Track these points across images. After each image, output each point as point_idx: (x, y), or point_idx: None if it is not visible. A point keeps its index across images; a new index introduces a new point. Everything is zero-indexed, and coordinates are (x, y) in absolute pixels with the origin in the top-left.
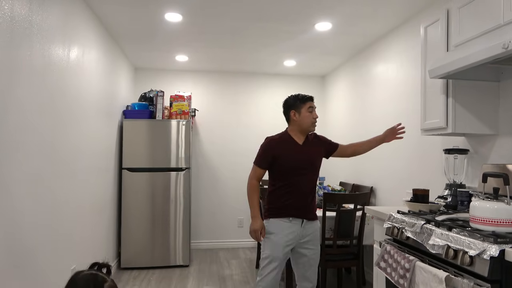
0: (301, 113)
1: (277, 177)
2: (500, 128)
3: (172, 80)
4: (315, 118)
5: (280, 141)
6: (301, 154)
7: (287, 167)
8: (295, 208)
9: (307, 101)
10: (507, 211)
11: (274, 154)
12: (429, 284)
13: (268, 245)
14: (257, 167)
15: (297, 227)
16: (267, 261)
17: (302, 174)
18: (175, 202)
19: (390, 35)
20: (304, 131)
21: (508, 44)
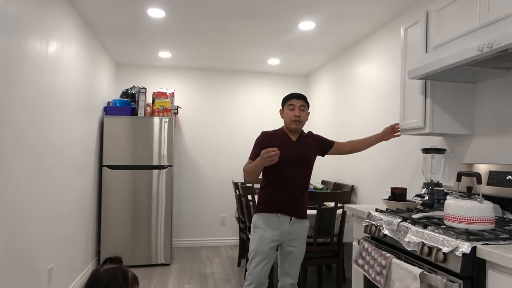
0: (284, 111)
1: (268, 172)
2: (476, 129)
3: (155, 76)
4: (295, 116)
5: (274, 136)
6: (293, 150)
7: (278, 162)
8: (284, 205)
9: (289, 99)
10: (479, 209)
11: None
12: (404, 280)
13: (255, 239)
14: (251, 160)
15: (285, 224)
16: (252, 255)
17: (293, 170)
18: (157, 200)
19: (372, 36)
20: (288, 128)
21: (483, 47)
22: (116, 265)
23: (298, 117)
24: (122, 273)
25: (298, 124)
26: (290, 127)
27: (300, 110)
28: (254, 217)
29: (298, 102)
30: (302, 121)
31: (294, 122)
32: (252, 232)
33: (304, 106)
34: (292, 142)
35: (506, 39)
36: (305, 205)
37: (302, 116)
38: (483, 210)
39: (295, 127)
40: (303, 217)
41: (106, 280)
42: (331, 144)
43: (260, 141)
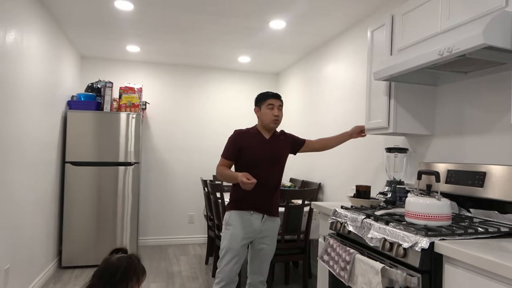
0: (261, 109)
1: (243, 169)
2: (436, 129)
3: (122, 71)
4: (275, 116)
5: (247, 134)
6: (266, 148)
7: (252, 160)
8: (257, 202)
9: (268, 98)
10: (437, 206)
11: (240, 146)
12: (366, 275)
13: (227, 236)
14: (223, 159)
15: (257, 222)
16: (224, 252)
17: (266, 168)
18: (122, 198)
19: (341, 37)
20: (266, 127)
21: (443, 51)
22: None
23: (277, 117)
24: (137, 260)
25: (277, 124)
26: (269, 126)
27: (279, 109)
28: (226, 214)
29: (277, 102)
30: (280, 121)
31: (273, 121)
32: (224, 230)
33: (281, 105)
34: (266, 141)
35: (464, 44)
36: (277, 203)
37: (280, 116)
38: (441, 207)
39: (274, 126)
40: (275, 215)
41: (123, 268)
42: (302, 142)
43: (233, 139)
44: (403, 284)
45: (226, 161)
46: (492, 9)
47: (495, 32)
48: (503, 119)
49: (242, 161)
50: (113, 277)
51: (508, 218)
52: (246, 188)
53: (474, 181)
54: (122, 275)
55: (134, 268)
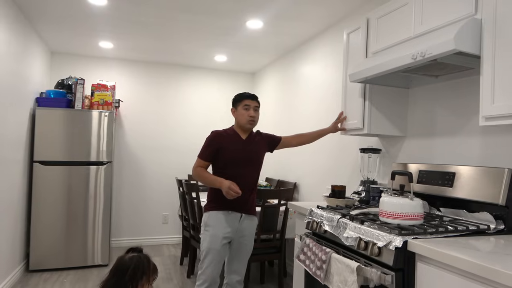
0: (237, 110)
1: (219, 170)
2: (408, 131)
3: (94, 67)
4: (251, 116)
5: (225, 135)
6: (244, 149)
7: (229, 160)
8: (235, 202)
9: (244, 99)
10: (410, 206)
11: (218, 147)
12: (342, 274)
13: (207, 237)
14: (200, 159)
15: (235, 221)
16: (205, 254)
17: (243, 168)
18: (94, 198)
19: (317, 38)
20: (242, 128)
21: (416, 55)
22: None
23: (253, 118)
24: (147, 260)
25: (253, 124)
26: (245, 127)
27: (255, 110)
28: (205, 216)
29: (253, 103)
30: (256, 121)
31: (249, 122)
32: (203, 231)
33: (258, 106)
34: (243, 141)
35: (437, 49)
36: (254, 202)
37: (256, 116)
38: (414, 206)
39: (250, 127)
40: (253, 214)
41: (133, 266)
42: (278, 139)
43: (211, 140)
44: (377, 282)
45: (203, 162)
46: (462, 16)
47: (465, 38)
48: (471, 122)
49: (219, 161)
50: (123, 275)
51: (476, 216)
52: (229, 197)
53: (444, 181)
54: (132, 273)
55: (142, 268)
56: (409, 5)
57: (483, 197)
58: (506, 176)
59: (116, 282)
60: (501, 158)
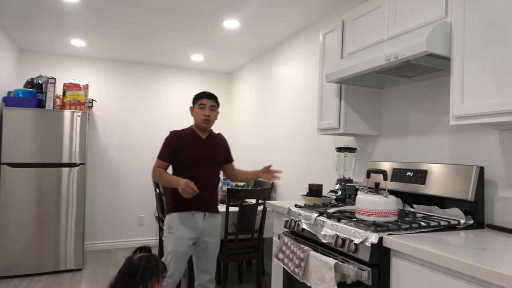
0: (194, 108)
1: (180, 170)
2: (382, 130)
3: (66, 66)
4: (205, 116)
5: (184, 134)
6: (203, 148)
7: (190, 160)
8: (198, 201)
9: (200, 98)
10: (385, 203)
11: (177, 147)
12: (320, 271)
13: (173, 240)
14: (160, 160)
15: (199, 220)
16: (171, 257)
17: (204, 167)
18: (67, 201)
19: (293, 39)
20: (198, 127)
21: (390, 57)
22: (149, 253)
23: (208, 117)
24: (155, 260)
25: (208, 124)
26: (199, 125)
27: (210, 110)
28: (168, 218)
29: (209, 102)
30: (212, 121)
31: (203, 121)
32: (167, 234)
33: (215, 106)
34: (202, 141)
35: (409, 51)
36: (216, 200)
37: (212, 116)
38: (388, 204)
39: (204, 126)
40: (216, 212)
41: (143, 267)
42: (230, 160)
43: (169, 140)
44: (354, 278)
45: (163, 163)
46: (433, 19)
47: (436, 40)
48: (442, 121)
49: (179, 161)
50: (133, 276)
51: (447, 212)
52: (186, 196)
53: (417, 179)
54: (142, 274)
55: (151, 268)
56: (383, 8)
57: (453, 193)
58: (474, 173)
59: (127, 283)
60: (470, 156)
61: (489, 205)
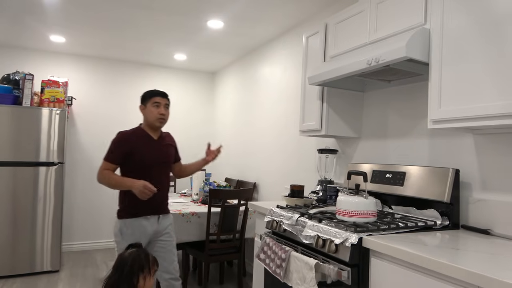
0: (147, 107)
1: (132, 173)
2: (363, 132)
3: (44, 62)
4: (161, 114)
5: (134, 135)
6: (156, 149)
7: (143, 162)
8: (153, 204)
9: (154, 96)
10: (365, 204)
11: (128, 149)
12: (301, 271)
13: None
14: (108, 162)
15: (154, 224)
16: None
17: (158, 168)
18: (44, 200)
19: (277, 40)
20: (151, 126)
21: (371, 61)
22: (138, 249)
23: (163, 115)
24: (144, 254)
25: (163, 123)
26: (154, 125)
27: (165, 108)
28: (120, 223)
29: (163, 100)
30: (166, 119)
31: (159, 120)
32: (120, 240)
33: (168, 104)
34: (155, 141)
35: (390, 56)
36: (167, 200)
37: (167, 115)
38: (368, 205)
39: (159, 125)
40: (168, 212)
41: (131, 261)
42: (178, 158)
43: (119, 142)
44: (334, 278)
45: (111, 165)
46: (413, 26)
47: (415, 46)
48: (420, 125)
49: (131, 164)
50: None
51: (424, 213)
52: (143, 198)
53: (396, 181)
54: (130, 267)
55: (140, 261)
56: (365, 13)
57: (430, 195)
58: (450, 176)
59: (119, 278)
60: (446, 158)
61: (464, 206)
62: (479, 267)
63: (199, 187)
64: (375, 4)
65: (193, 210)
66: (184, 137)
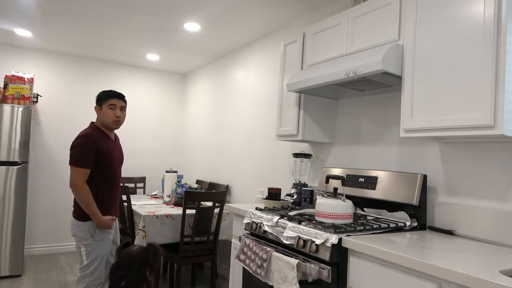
0: (102, 109)
1: (100, 175)
2: (336, 138)
3: (7, 57)
4: (117, 116)
5: (98, 137)
6: (116, 149)
7: (109, 163)
8: (116, 205)
9: (110, 98)
10: (342, 207)
11: (98, 150)
12: (282, 271)
13: (101, 245)
14: (82, 168)
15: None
16: (98, 263)
17: (119, 169)
18: (3, 202)
19: (252, 45)
20: (107, 127)
21: (349, 72)
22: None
23: (119, 118)
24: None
25: (118, 125)
26: (110, 126)
27: (121, 110)
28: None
29: (119, 103)
30: (122, 122)
31: (114, 122)
32: (92, 241)
33: (124, 106)
34: (113, 142)
35: (367, 68)
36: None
37: (123, 117)
38: (345, 207)
39: (115, 127)
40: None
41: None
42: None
43: (90, 143)
44: (316, 277)
45: (85, 170)
46: (387, 41)
47: (390, 60)
48: (390, 132)
49: (99, 166)
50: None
51: (394, 215)
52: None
53: (368, 184)
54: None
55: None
56: (342, 26)
57: (400, 198)
58: (419, 181)
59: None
60: (414, 164)
61: (430, 209)
62: (444, 262)
63: (171, 189)
64: (352, 18)
65: (167, 212)
66: (153, 136)
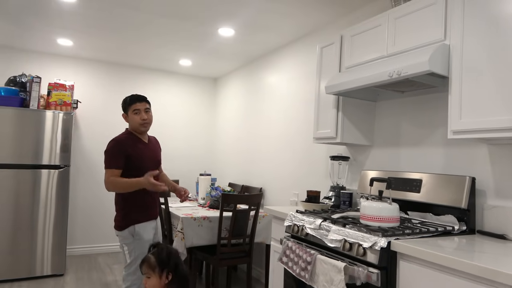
0: (128, 115)
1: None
2: (375, 140)
3: (51, 65)
4: (143, 119)
5: (128, 140)
6: (150, 152)
7: (142, 166)
8: (153, 207)
9: (133, 103)
10: (389, 210)
11: (127, 154)
12: (328, 274)
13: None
14: (112, 169)
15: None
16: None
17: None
18: (45, 204)
19: (285, 48)
20: (137, 131)
21: (393, 73)
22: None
23: (145, 120)
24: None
25: (147, 126)
26: (139, 130)
27: (146, 112)
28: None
29: (142, 105)
30: (150, 122)
31: (142, 125)
32: (133, 240)
33: (148, 108)
34: (146, 145)
35: (412, 69)
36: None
37: (149, 118)
38: (392, 210)
39: (144, 130)
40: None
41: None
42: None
43: (119, 147)
44: (364, 280)
45: (116, 171)
46: (432, 41)
47: (436, 60)
48: (433, 134)
49: (131, 170)
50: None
51: (441, 219)
52: (158, 189)
53: (412, 187)
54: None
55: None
56: (383, 27)
57: (447, 201)
58: (467, 183)
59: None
60: (460, 167)
61: (479, 212)
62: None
63: (205, 192)
64: (393, 19)
65: (204, 214)
66: (185, 140)
